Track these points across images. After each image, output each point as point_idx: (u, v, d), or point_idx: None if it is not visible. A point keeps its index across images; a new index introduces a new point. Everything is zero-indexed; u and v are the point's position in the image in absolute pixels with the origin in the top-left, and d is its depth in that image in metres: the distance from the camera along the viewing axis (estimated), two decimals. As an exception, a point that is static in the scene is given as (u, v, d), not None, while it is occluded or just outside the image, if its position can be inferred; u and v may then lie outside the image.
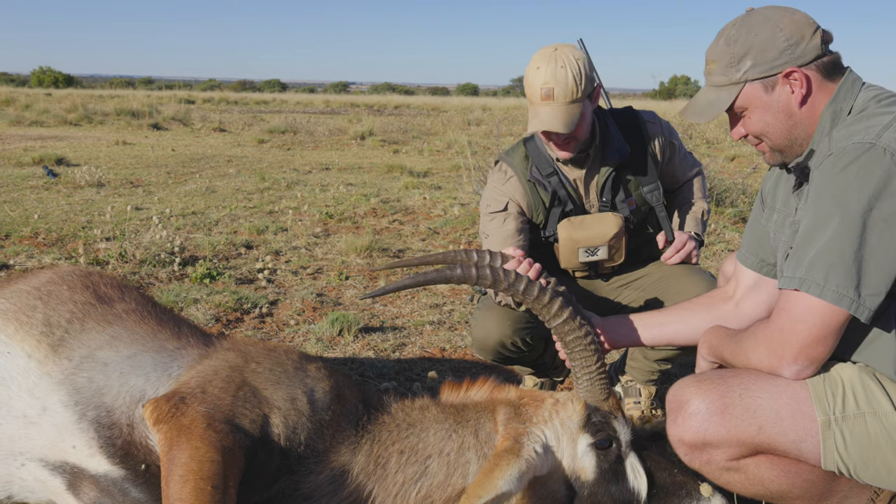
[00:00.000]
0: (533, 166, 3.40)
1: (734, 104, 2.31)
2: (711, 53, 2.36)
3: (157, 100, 35.82)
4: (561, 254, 3.39)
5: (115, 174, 11.80)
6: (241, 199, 9.85)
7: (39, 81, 64.14)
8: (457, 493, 2.29)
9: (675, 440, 2.28)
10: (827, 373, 2.18)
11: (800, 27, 2.23)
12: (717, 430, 2.18)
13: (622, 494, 2.33)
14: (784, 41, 2.22)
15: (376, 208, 9.33)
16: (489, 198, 3.45)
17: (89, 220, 7.95)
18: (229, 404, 2.21)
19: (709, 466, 2.25)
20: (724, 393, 2.19)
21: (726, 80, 2.31)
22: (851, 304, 2.00)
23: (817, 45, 2.23)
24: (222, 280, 5.77)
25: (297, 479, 2.24)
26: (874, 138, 2.02)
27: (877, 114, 2.12)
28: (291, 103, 45.92)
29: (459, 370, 4.20)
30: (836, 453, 2.12)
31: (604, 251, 3.36)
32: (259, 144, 18.94)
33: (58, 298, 2.58)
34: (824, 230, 2.03)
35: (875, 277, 1.99)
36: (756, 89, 2.27)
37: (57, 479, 2.30)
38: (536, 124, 3.10)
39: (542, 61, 3.09)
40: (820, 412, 2.13)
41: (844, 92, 2.23)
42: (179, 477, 2.02)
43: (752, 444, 2.17)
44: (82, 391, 2.33)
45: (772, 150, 2.37)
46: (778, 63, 2.22)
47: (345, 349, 4.45)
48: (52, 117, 24.08)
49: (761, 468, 2.21)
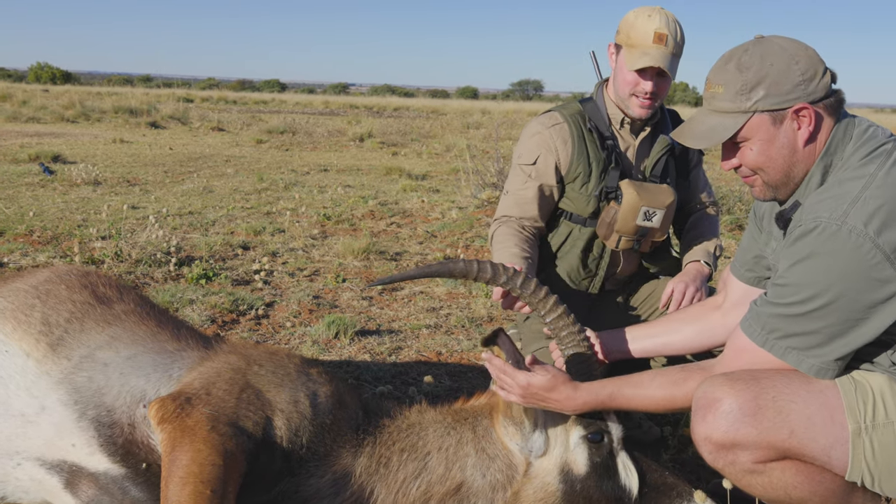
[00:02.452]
0: (590, 121, 3.39)
1: (738, 133, 2.24)
2: (719, 77, 2.27)
3: (156, 98, 35.78)
4: (622, 212, 3.27)
5: (111, 172, 11.78)
6: (238, 199, 9.85)
7: (37, 77, 64.04)
8: (455, 486, 2.36)
9: (702, 438, 2.24)
10: (858, 380, 2.20)
11: (814, 63, 2.18)
12: (748, 432, 2.16)
13: (613, 491, 2.37)
14: (799, 75, 2.16)
15: (374, 211, 9.33)
16: (524, 145, 3.45)
17: (85, 218, 7.94)
18: (233, 406, 2.22)
19: (732, 467, 2.22)
20: (757, 394, 2.17)
21: (734, 107, 2.23)
22: (811, 369, 2.16)
23: (827, 83, 2.19)
24: (218, 281, 5.76)
25: (297, 482, 2.25)
26: (840, 218, 2.04)
27: (849, 179, 2.13)
28: (290, 104, 45.92)
29: (456, 374, 4.19)
30: (863, 462, 2.13)
31: (659, 218, 3.30)
32: (257, 144, 18.93)
33: (56, 298, 2.58)
34: (792, 303, 2.12)
35: (840, 347, 2.12)
36: (764, 121, 2.21)
37: (54, 477, 2.30)
38: (648, 60, 3.12)
39: (653, 12, 3.17)
40: (851, 420, 2.14)
41: (836, 144, 2.22)
42: (179, 479, 2.03)
43: (781, 448, 2.15)
44: (82, 390, 2.33)
45: (765, 184, 2.32)
46: (791, 97, 2.17)
47: (341, 352, 4.44)
48: (50, 114, 24.03)
49: (787, 473, 2.19)
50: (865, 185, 2.08)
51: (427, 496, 2.34)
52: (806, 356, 2.14)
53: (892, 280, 2.00)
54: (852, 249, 2.01)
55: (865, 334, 2.08)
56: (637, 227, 3.30)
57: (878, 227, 2.00)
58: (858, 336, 2.09)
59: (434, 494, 2.34)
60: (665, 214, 3.31)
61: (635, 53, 3.16)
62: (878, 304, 2.03)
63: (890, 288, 2.01)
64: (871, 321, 2.06)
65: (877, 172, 2.10)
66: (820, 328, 2.10)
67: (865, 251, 2.00)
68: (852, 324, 2.07)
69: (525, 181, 3.37)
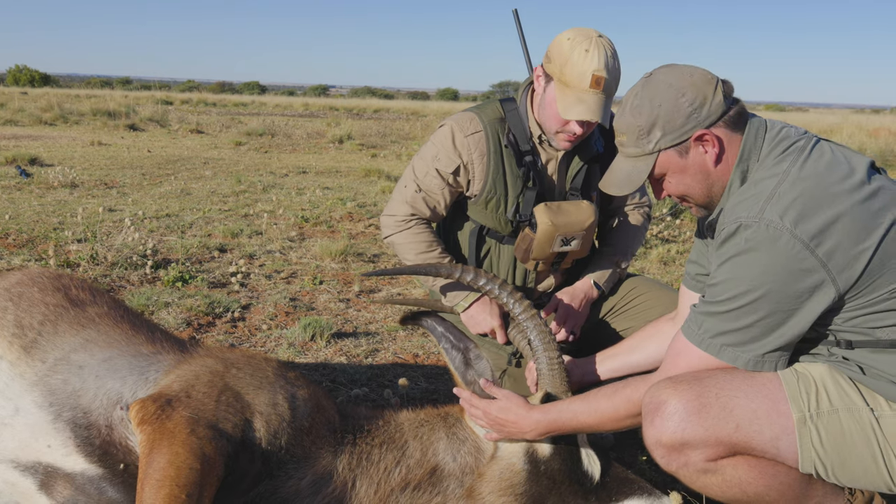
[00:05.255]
0: (510, 133, 3.16)
1: (653, 172, 2.37)
2: (619, 125, 2.40)
3: (135, 100, 35.48)
4: (537, 241, 3.12)
5: (89, 175, 11.70)
6: (216, 201, 9.82)
7: (15, 80, 63.30)
8: (430, 469, 2.45)
9: (653, 442, 2.29)
10: (800, 371, 2.26)
11: (701, 89, 2.26)
12: (695, 430, 2.20)
13: (576, 476, 2.46)
14: (688, 105, 2.25)
15: (352, 213, 9.33)
16: (442, 147, 3.20)
17: (61, 221, 7.89)
18: (213, 409, 2.23)
19: (686, 469, 2.27)
20: (700, 393, 2.22)
21: (639, 151, 2.36)
22: (748, 363, 2.21)
23: (720, 101, 2.27)
24: (195, 283, 5.76)
25: (275, 484, 2.28)
26: (757, 215, 2.11)
27: (764, 178, 2.20)
28: (270, 106, 45.70)
29: (432, 376, 4.23)
30: (812, 451, 2.16)
31: (578, 242, 3.17)
32: (236, 147, 18.87)
33: (29, 300, 2.58)
34: (722, 300, 2.18)
35: (774, 339, 2.17)
36: (671, 156, 2.33)
37: (28, 479, 2.30)
38: (583, 111, 2.88)
39: (589, 45, 2.85)
40: (795, 409, 2.18)
41: (748, 150, 2.29)
42: (156, 481, 2.04)
43: (729, 442, 2.19)
44: (57, 392, 2.34)
45: (696, 206, 2.45)
46: (687, 129, 2.27)
47: (317, 354, 4.46)
48: (27, 116, 23.79)
49: (739, 469, 2.23)
50: (779, 181, 2.15)
51: (406, 482, 2.41)
52: (741, 352, 2.19)
53: (815, 269, 2.05)
54: (771, 243, 2.07)
55: (797, 325, 2.13)
56: (554, 254, 3.20)
57: (794, 219, 2.06)
58: (790, 328, 2.14)
59: (412, 480, 2.42)
60: (584, 237, 3.18)
61: (569, 97, 2.90)
62: (806, 293, 2.09)
63: (815, 277, 2.06)
64: (801, 312, 2.11)
65: (790, 169, 2.17)
66: (751, 323, 2.15)
67: (784, 243, 2.05)
68: (783, 315, 2.12)
69: (442, 187, 3.21)
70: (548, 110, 3.04)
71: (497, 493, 2.43)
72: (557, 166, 3.24)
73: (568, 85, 2.89)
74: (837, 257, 2.05)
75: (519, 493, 2.44)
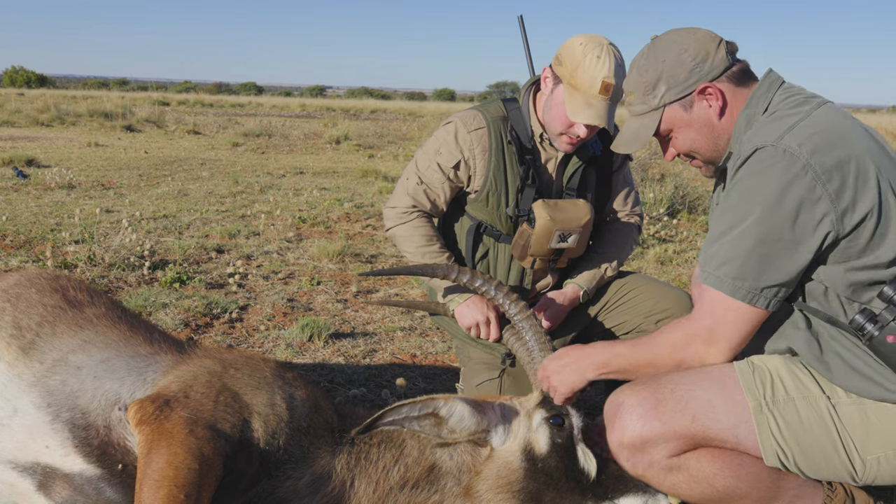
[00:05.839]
0: (513, 130, 3.24)
1: (659, 128, 2.44)
2: (628, 85, 2.51)
3: (132, 101, 35.48)
4: (535, 236, 3.17)
5: (86, 176, 11.70)
6: (213, 202, 9.82)
7: (12, 81, 63.20)
8: (428, 468, 2.45)
9: (616, 446, 2.34)
10: (756, 363, 2.30)
11: (703, 44, 2.37)
12: (653, 425, 2.25)
13: (573, 473, 2.47)
14: (691, 60, 2.35)
15: (350, 213, 9.34)
16: (444, 142, 3.28)
17: (58, 222, 7.88)
18: (211, 409, 2.24)
19: (652, 470, 2.29)
20: (655, 390, 2.28)
21: (646, 107, 2.45)
22: (747, 296, 2.17)
23: (723, 57, 2.36)
24: (192, 284, 5.77)
25: (273, 484, 2.28)
26: (776, 140, 2.14)
27: (783, 116, 2.24)
28: (267, 106, 45.67)
29: (430, 377, 4.23)
30: (772, 439, 2.19)
31: (574, 238, 3.22)
32: (233, 148, 18.85)
33: (27, 301, 2.59)
34: (729, 229, 2.19)
35: (773, 272, 2.15)
36: (676, 111, 2.41)
37: (26, 480, 2.31)
38: (591, 116, 2.94)
39: (601, 52, 2.92)
40: (750, 398, 2.22)
41: (758, 97, 2.36)
42: (154, 482, 2.04)
43: (688, 434, 2.23)
44: (55, 393, 2.34)
45: (705, 163, 2.52)
46: (690, 82, 2.36)
47: (314, 355, 4.47)
48: (24, 117, 23.75)
49: (703, 462, 2.25)
50: (801, 118, 2.20)
51: (404, 480, 2.42)
52: (740, 282, 2.17)
53: (822, 200, 2.07)
54: (786, 166, 2.09)
55: (796, 261, 2.13)
56: (551, 250, 3.24)
57: (811, 149, 2.09)
58: (789, 262, 2.13)
59: (410, 478, 2.43)
60: (581, 234, 3.23)
61: (578, 101, 2.96)
62: (810, 225, 2.09)
63: (821, 208, 2.08)
64: (801, 247, 2.12)
65: (811, 111, 2.22)
66: (752, 247, 2.14)
67: (798, 167, 2.08)
68: (785, 246, 2.12)
69: (443, 181, 3.28)
70: (554, 111, 3.10)
71: (494, 490, 2.45)
72: (558, 164, 3.32)
73: (578, 89, 2.96)
74: (845, 196, 2.08)
75: (516, 490, 2.45)
